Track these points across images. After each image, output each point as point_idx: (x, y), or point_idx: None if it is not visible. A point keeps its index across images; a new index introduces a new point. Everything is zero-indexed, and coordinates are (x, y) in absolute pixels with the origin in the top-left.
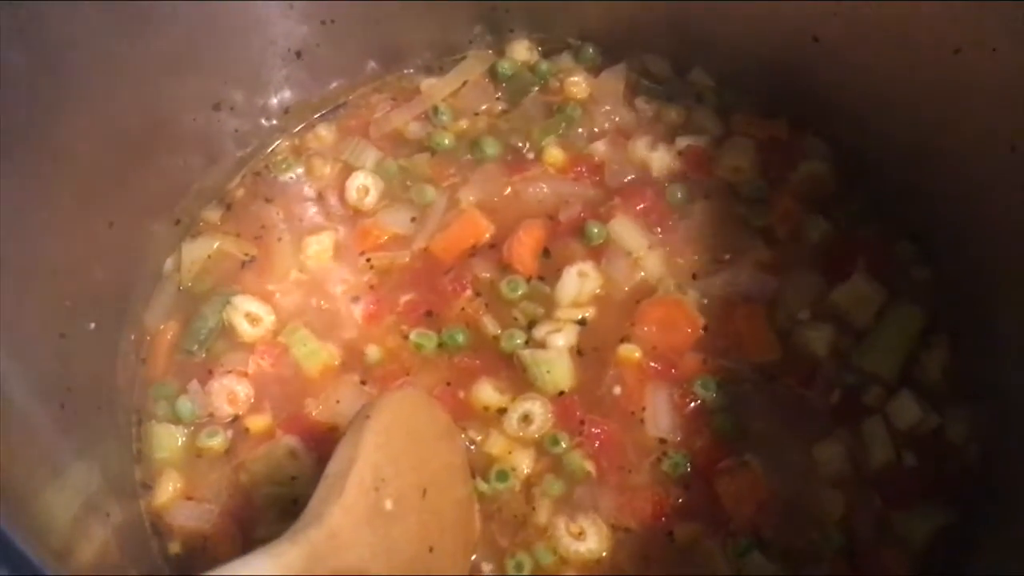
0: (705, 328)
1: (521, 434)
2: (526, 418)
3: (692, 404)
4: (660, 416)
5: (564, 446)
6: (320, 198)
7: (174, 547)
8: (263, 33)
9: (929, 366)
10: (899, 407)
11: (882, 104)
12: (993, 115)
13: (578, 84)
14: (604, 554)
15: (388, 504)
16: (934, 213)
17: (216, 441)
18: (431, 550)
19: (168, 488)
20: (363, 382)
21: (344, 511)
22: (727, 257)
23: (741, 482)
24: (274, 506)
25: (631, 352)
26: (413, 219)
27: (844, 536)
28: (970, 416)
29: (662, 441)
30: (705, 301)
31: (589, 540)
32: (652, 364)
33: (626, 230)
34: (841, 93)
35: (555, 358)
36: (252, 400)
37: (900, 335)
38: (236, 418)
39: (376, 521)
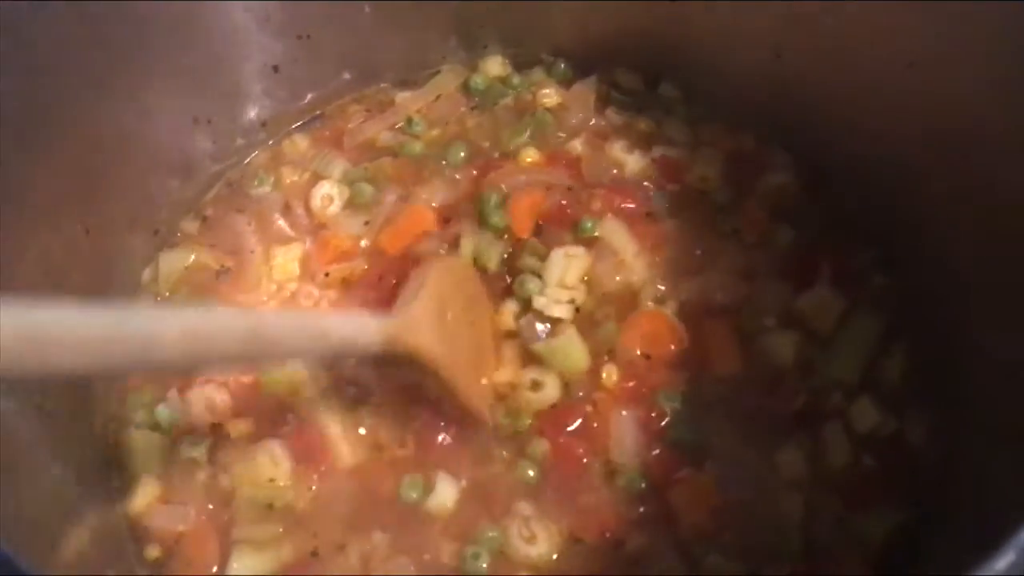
0: (685, 344)
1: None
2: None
3: (656, 417)
4: (625, 434)
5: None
6: (287, 209)
7: (152, 551)
8: (240, 48)
9: (889, 371)
10: (859, 411)
11: (842, 117)
12: (943, 126)
13: (550, 96)
14: (555, 557)
15: (448, 316)
16: (894, 222)
17: (195, 449)
18: (474, 365)
19: (146, 494)
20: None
21: (421, 308)
22: (700, 264)
23: (697, 489)
24: (251, 508)
25: (610, 374)
26: (367, 223)
27: (803, 537)
28: (928, 419)
29: (621, 460)
30: (678, 309)
31: (540, 545)
32: (627, 383)
33: (616, 231)
34: (803, 107)
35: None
36: (231, 408)
37: (861, 341)
38: (215, 425)
39: (439, 325)
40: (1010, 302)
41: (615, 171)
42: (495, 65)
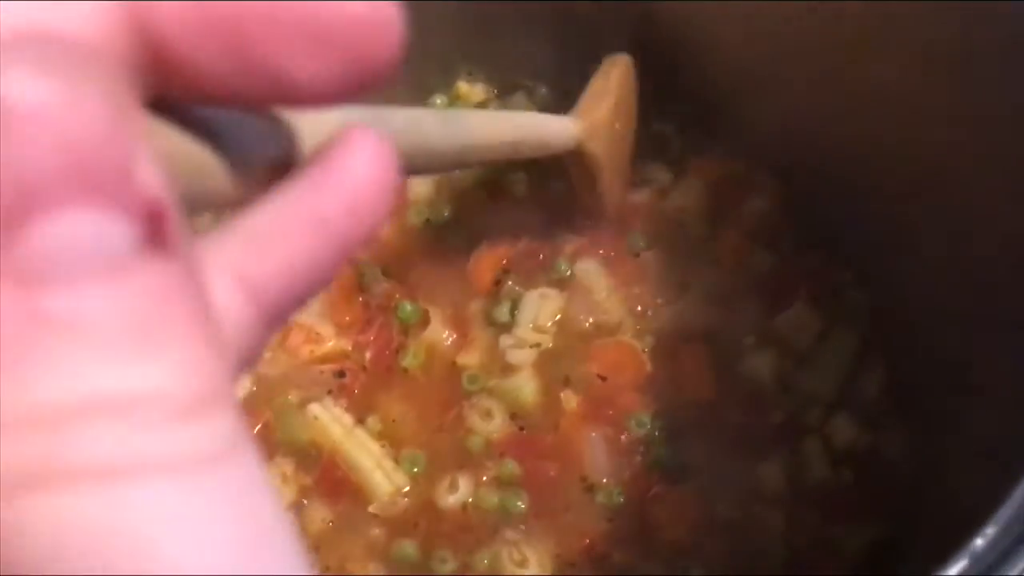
0: (650, 370)
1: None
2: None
3: (627, 439)
4: (597, 454)
5: (511, 472)
6: None
7: None
8: None
9: (866, 386)
10: (836, 427)
11: (818, 138)
12: (916, 149)
13: None
14: None
15: (616, 125)
16: (870, 240)
17: None
18: (621, 170)
19: None
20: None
21: (603, 118)
22: (676, 294)
23: (677, 505)
24: None
25: (568, 399)
26: None
27: (786, 550)
28: (904, 434)
29: (596, 477)
30: (653, 341)
31: (531, 567)
32: (589, 407)
33: (591, 271)
34: (784, 133)
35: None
36: None
37: (839, 357)
38: None
39: (610, 133)
40: (983, 320)
41: (595, 210)
42: (476, 92)
